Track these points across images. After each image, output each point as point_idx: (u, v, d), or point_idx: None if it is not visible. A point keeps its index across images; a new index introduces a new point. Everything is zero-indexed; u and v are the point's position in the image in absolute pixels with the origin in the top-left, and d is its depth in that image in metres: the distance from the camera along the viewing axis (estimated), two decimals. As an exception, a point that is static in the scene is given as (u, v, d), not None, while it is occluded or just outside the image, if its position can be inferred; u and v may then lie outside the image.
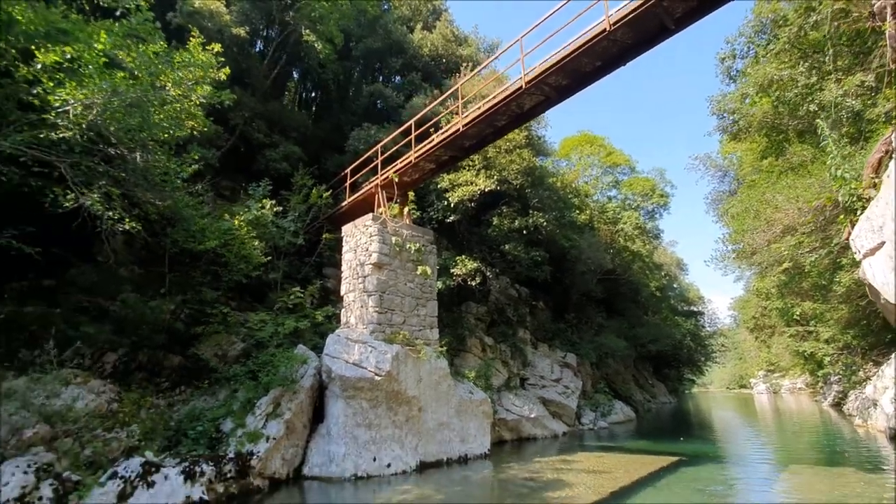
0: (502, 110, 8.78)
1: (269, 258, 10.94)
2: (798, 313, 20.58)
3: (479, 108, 9.11)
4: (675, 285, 40.31)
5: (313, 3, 13.86)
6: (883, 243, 3.91)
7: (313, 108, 19.94)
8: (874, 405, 15.45)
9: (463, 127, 9.26)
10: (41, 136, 6.47)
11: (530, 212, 15.63)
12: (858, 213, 4.55)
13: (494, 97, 8.88)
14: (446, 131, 9.81)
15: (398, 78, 20.38)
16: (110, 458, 6.50)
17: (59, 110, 6.79)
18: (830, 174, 6.56)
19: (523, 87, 8.13)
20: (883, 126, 5.99)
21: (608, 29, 6.88)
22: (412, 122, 11.07)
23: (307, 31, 14.29)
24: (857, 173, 5.60)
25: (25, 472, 5.31)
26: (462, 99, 10.31)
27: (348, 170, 13.06)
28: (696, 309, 41.98)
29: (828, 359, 21.95)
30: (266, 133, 14.79)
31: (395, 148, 12.01)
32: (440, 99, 11.76)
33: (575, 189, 19.86)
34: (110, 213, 6.76)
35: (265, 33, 15.72)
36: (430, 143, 10.08)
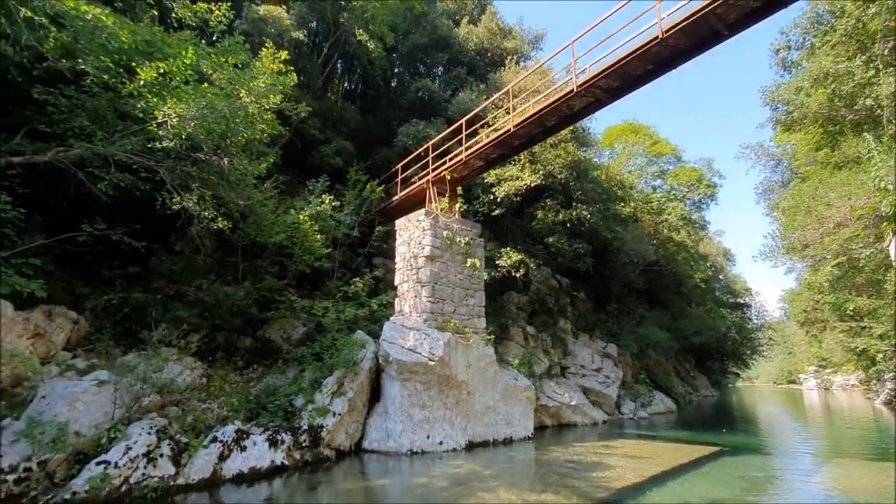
0: (552, 111, 9.15)
1: (329, 249, 11.82)
2: (851, 309, 19.88)
3: (529, 109, 9.49)
4: (720, 276, 39.17)
5: (366, 3, 14.45)
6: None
7: (359, 103, 20.74)
8: (928, 404, 14.99)
9: (514, 127, 9.70)
10: (148, 144, 7.42)
11: (574, 204, 15.86)
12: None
13: (545, 100, 9.24)
14: (497, 131, 10.26)
15: (440, 70, 20.79)
16: (207, 425, 7.53)
17: (159, 122, 7.75)
18: (875, 185, 6.55)
19: (574, 90, 8.47)
20: None
21: (661, 36, 7.12)
22: (463, 121, 11.55)
23: (360, 30, 14.94)
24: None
25: (149, 433, 6.37)
26: (512, 98, 10.70)
27: (399, 165, 13.73)
28: (742, 301, 40.68)
29: (880, 355, 21.13)
30: (320, 129, 15.62)
31: (445, 146, 12.54)
32: (489, 101, 12.19)
33: (619, 181, 19.78)
34: (206, 213, 7.71)
35: (317, 32, 16.44)
36: (481, 143, 10.55)
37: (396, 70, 20.63)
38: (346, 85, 20.90)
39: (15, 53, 5.27)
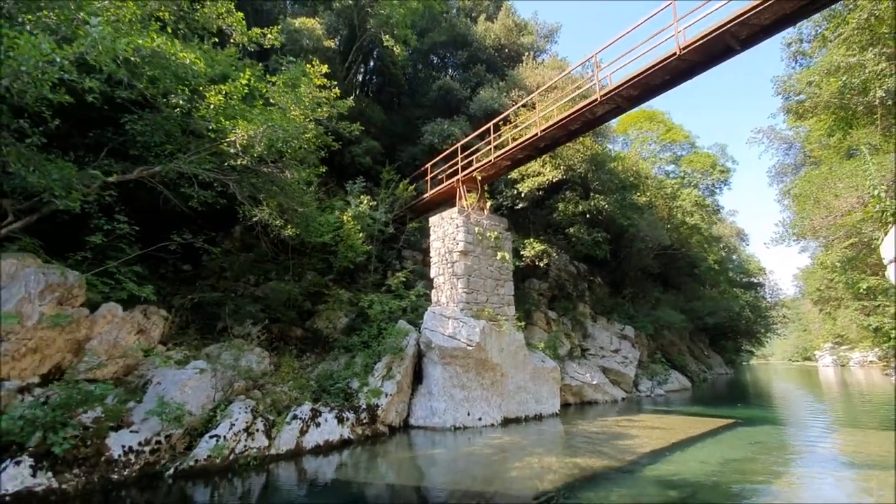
0: (577, 118, 9.96)
1: (372, 247, 12.86)
2: (865, 287, 20.47)
3: (555, 115, 10.32)
4: (734, 257, 39.66)
5: (391, 10, 15.20)
6: (904, 254, 5.04)
7: (382, 103, 21.54)
8: (942, 379, 15.69)
9: (540, 132, 10.54)
10: (223, 162, 8.45)
11: (592, 195, 16.66)
12: (890, 225, 5.47)
13: (569, 105, 10.05)
14: (524, 134, 11.11)
15: (459, 68, 21.42)
16: (284, 406, 8.69)
17: (229, 140, 8.75)
18: (869, 193, 7.27)
19: (598, 98, 9.28)
20: None
21: (678, 52, 7.90)
22: (490, 125, 12.39)
23: (386, 35, 15.71)
24: (891, 189, 6.35)
25: (246, 412, 7.54)
26: (536, 101, 11.50)
27: (428, 165, 14.63)
28: (756, 280, 41.18)
29: (894, 332, 21.72)
30: (350, 130, 16.52)
31: (475, 147, 13.39)
32: (516, 106, 12.98)
33: (635, 172, 20.47)
34: (277, 223, 8.77)
35: (345, 38, 17.20)
36: (509, 145, 11.40)
37: (417, 68, 21.34)
38: (370, 85, 21.69)
39: (101, 85, 6.14)
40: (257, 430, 7.49)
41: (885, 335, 26.05)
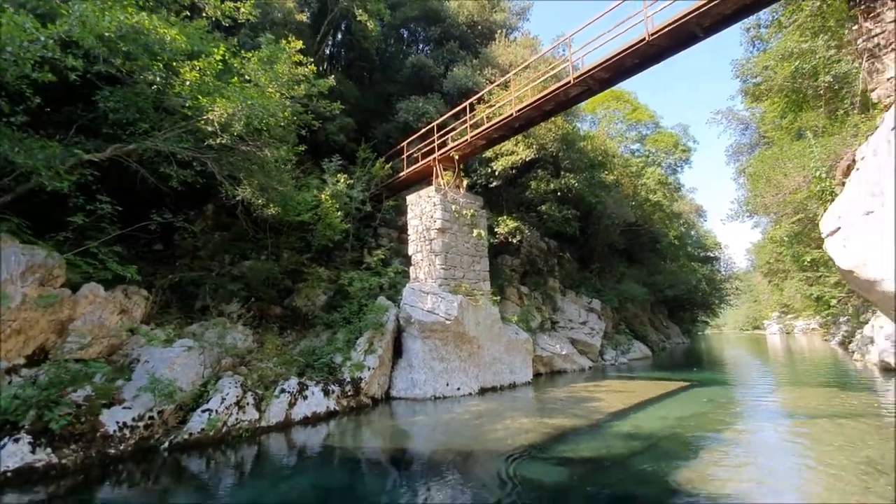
0: (551, 98, 10.32)
1: (350, 225, 13.00)
2: (809, 260, 22.08)
3: (530, 97, 10.63)
4: (692, 232, 41.64)
5: (365, -17, 14.92)
6: (837, 230, 5.74)
7: (354, 78, 21.17)
8: (871, 342, 17.38)
9: (516, 112, 10.85)
10: (200, 140, 8.36)
11: (562, 173, 17.22)
12: (828, 203, 6.17)
13: (543, 86, 10.38)
14: (501, 116, 11.39)
15: (432, 43, 21.23)
16: (271, 381, 8.93)
17: (205, 118, 8.64)
18: (812, 174, 8.02)
19: (571, 81, 9.65)
20: (880, 110, 7.36)
21: (647, 38, 8.32)
22: (466, 104, 12.59)
23: (359, 10, 15.43)
24: (832, 170, 7.06)
25: (236, 387, 7.76)
26: (511, 81, 11.76)
27: (404, 143, 14.73)
28: (712, 255, 43.49)
29: (834, 301, 23.68)
30: (331, 109, 16.30)
31: (451, 126, 13.57)
32: (492, 86, 13.12)
33: (604, 151, 21.15)
34: (259, 202, 8.80)
35: (316, 11, 16.75)
36: (485, 125, 11.68)
37: (388, 43, 21.03)
38: (339, 59, 21.24)
39: (75, 60, 5.96)
40: (248, 404, 7.75)
41: (825, 303, 28.31)
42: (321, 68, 20.16)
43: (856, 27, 6.04)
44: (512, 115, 10.95)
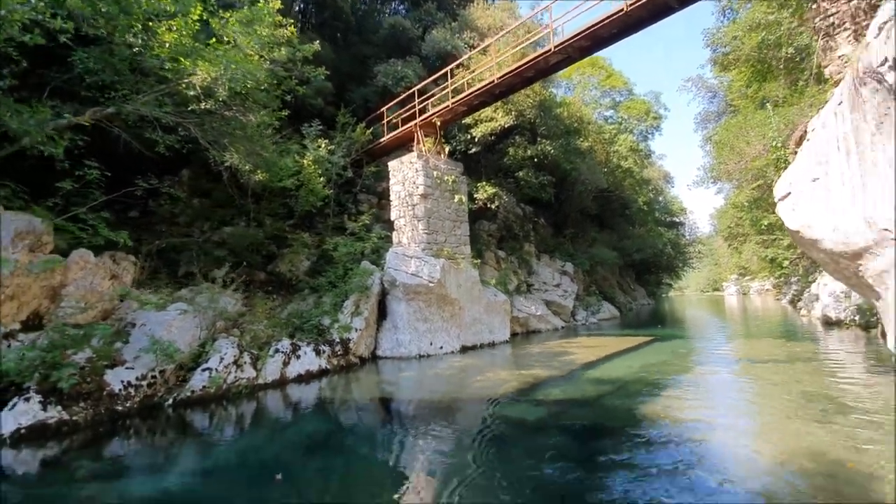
0: (532, 66, 10.53)
1: (331, 191, 13.10)
2: (766, 224, 23.45)
3: (512, 64, 10.81)
4: (660, 198, 43.12)
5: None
6: (788, 194, 6.41)
7: (322, 37, 20.49)
8: (816, 299, 18.95)
9: (497, 79, 11.04)
10: (181, 104, 8.27)
11: (539, 139, 17.57)
12: (782, 171, 6.82)
13: (524, 55, 10.57)
14: (482, 83, 11.55)
15: (405, 5, 20.71)
16: (262, 342, 9.28)
17: (186, 81, 8.51)
18: (769, 145, 8.69)
19: (552, 49, 9.88)
20: (831, 86, 7.96)
21: (625, 8, 8.61)
22: (448, 69, 12.63)
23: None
24: (787, 140, 7.71)
25: (233, 347, 8.08)
26: (491, 47, 11.86)
27: (384, 109, 14.69)
28: (678, 220, 45.31)
29: (787, 262, 25.39)
30: (315, 75, 15.89)
31: (431, 92, 13.61)
32: (473, 52, 13.13)
33: (579, 118, 21.51)
34: (247, 168, 8.84)
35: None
36: (466, 92, 11.82)
37: (364, 1, 20.39)
38: (309, 16, 20.48)
39: (65, 22, 5.80)
40: (245, 363, 8.11)
41: (778, 265, 30.23)
42: (294, 27, 19.47)
43: (815, 6, 6.51)
44: (493, 81, 11.14)
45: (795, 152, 6.54)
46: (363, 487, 4.32)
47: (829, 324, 15.27)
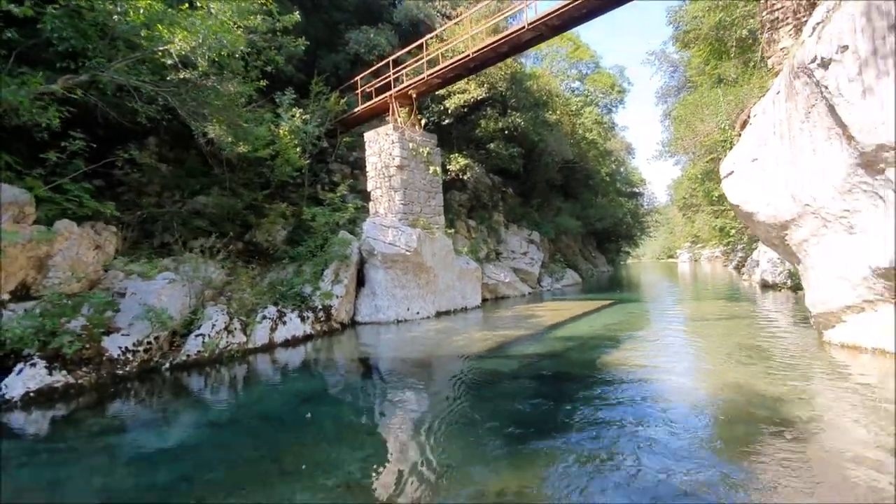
0: (506, 42, 10.89)
1: (307, 161, 13.20)
2: (717, 195, 25.09)
3: (487, 39, 11.12)
4: (622, 169, 44.72)
5: None
6: (732, 172, 7.28)
7: (295, 2, 19.80)
8: (757, 265, 20.79)
9: (472, 53, 11.35)
10: (156, 72, 8.21)
11: (509, 111, 18.01)
12: (728, 151, 7.67)
13: (496, 30, 10.90)
14: (457, 56, 11.82)
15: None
16: (249, 309, 9.63)
17: (163, 49, 8.40)
18: (719, 126, 9.57)
19: (525, 27, 10.27)
20: (772, 76, 8.74)
21: (595, -9, 9.08)
22: (424, 41, 12.77)
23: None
24: (734, 122, 8.61)
25: (223, 314, 8.43)
26: (465, 18, 12.07)
27: (358, 78, 14.68)
28: (637, 190, 47.28)
29: (733, 231, 27.38)
30: (288, 43, 15.45)
31: (406, 63, 13.71)
32: (449, 24, 13.24)
33: (548, 91, 22.00)
34: (230, 139, 8.90)
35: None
36: (442, 65, 12.07)
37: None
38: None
39: None
40: (235, 329, 8.50)
41: (726, 233, 32.48)
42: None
43: (763, 0, 7.20)
44: (469, 56, 11.44)
45: (740, 135, 7.38)
46: (353, 427, 4.97)
47: (766, 287, 16.94)
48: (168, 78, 8.28)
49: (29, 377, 5.90)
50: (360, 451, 4.17)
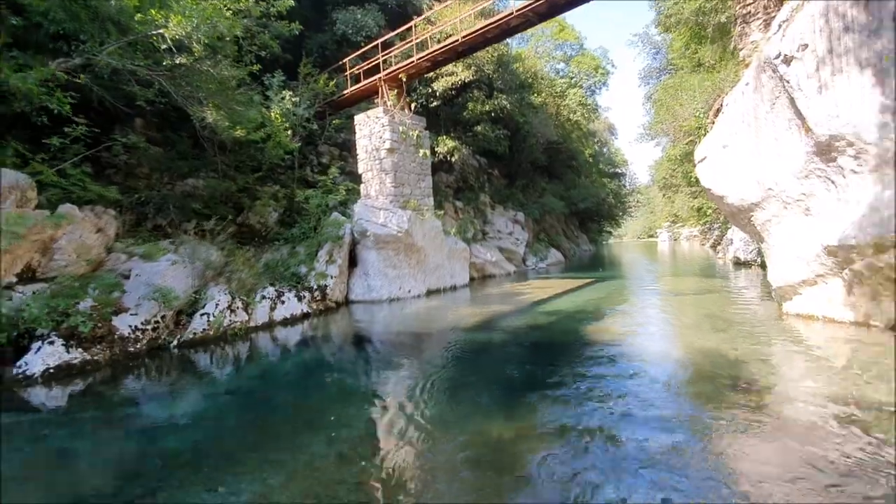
0: (494, 27, 11.17)
1: (298, 144, 13.36)
2: (694, 176, 25.82)
3: (476, 24, 11.37)
4: (605, 150, 45.38)
5: None
6: (705, 158, 7.84)
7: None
8: (731, 243, 21.75)
9: (461, 38, 11.59)
10: (149, 56, 8.31)
11: (495, 94, 18.28)
12: (703, 137, 8.22)
13: (490, 19, 11.16)
14: (446, 41, 12.04)
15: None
16: (248, 290, 9.97)
17: (156, 33, 8.48)
18: (694, 114, 10.08)
19: (513, 13, 10.55)
20: (743, 67, 9.24)
21: (581, -20, 9.40)
22: (414, 24, 12.92)
23: None
24: (709, 110, 9.13)
25: (225, 294, 8.77)
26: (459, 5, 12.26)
27: (346, 60, 14.75)
28: (619, 171, 48.10)
29: (710, 211, 28.37)
30: (290, 31, 15.27)
31: (395, 45, 13.83)
32: (440, 7, 13.35)
33: (533, 73, 22.23)
34: (226, 124, 9.07)
35: None
36: (431, 49, 12.28)
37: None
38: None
39: None
40: (238, 308, 8.87)
41: (703, 213, 33.57)
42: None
43: (737, -6, 7.66)
44: (458, 40, 11.68)
45: (713, 122, 7.92)
46: (353, 391, 5.50)
47: (738, 264, 17.87)
48: (164, 63, 8.38)
49: (48, 354, 6.22)
50: (366, 410, 4.69)
